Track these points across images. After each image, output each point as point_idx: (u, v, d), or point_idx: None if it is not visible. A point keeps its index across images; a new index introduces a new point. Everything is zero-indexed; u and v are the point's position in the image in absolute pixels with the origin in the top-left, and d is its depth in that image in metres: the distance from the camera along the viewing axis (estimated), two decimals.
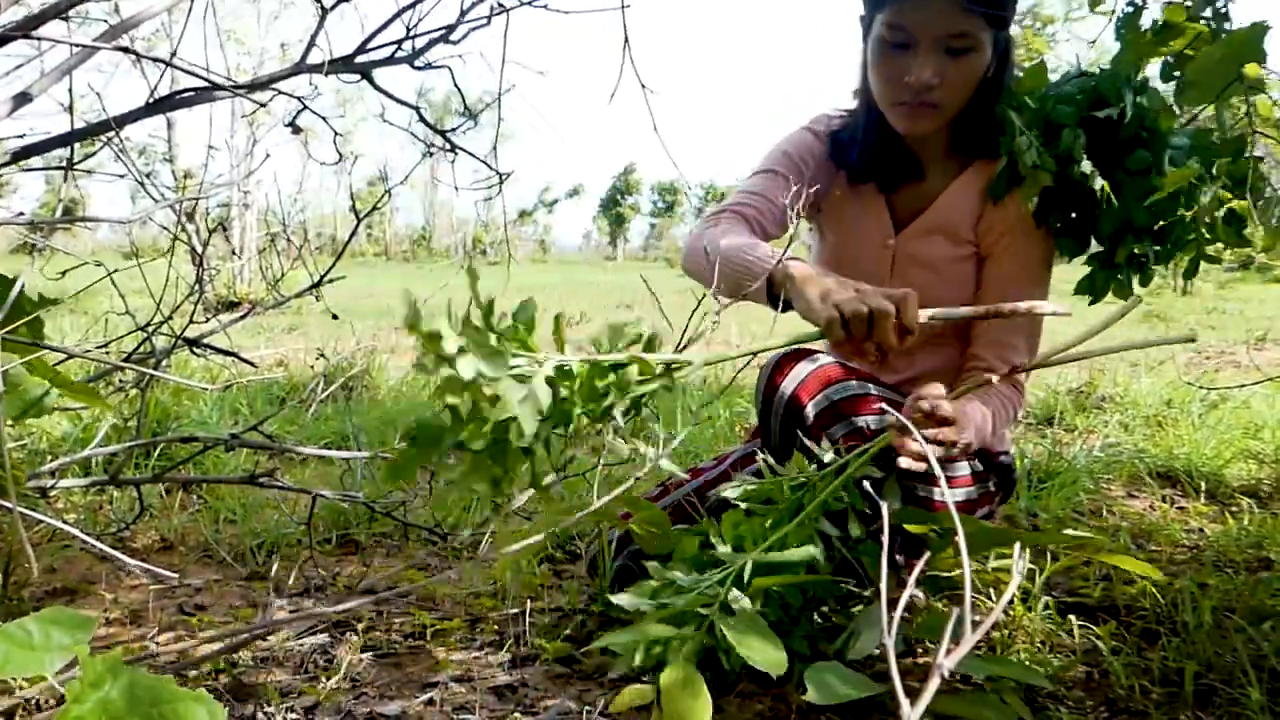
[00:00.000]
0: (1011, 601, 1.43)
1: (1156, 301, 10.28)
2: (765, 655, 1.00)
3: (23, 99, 0.61)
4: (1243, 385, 2.75)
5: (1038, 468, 2.34)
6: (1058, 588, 1.59)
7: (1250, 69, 1.07)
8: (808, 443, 1.28)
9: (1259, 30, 1.04)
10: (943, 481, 0.83)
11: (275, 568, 1.67)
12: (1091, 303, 1.48)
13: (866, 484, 1.14)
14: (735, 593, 1.10)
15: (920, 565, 0.62)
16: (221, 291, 7.76)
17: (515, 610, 1.48)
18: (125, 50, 0.61)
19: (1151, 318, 8.13)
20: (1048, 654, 1.34)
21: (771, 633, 1.05)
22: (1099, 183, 1.22)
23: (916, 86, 1.36)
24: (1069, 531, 1.63)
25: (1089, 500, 2.20)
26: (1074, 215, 1.39)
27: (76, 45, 0.58)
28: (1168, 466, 2.49)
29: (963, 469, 1.43)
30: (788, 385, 1.35)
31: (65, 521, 1.99)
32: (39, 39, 0.55)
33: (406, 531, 1.86)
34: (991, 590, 1.49)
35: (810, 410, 1.33)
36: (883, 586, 0.51)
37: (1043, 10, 13.94)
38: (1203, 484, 2.33)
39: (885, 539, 0.61)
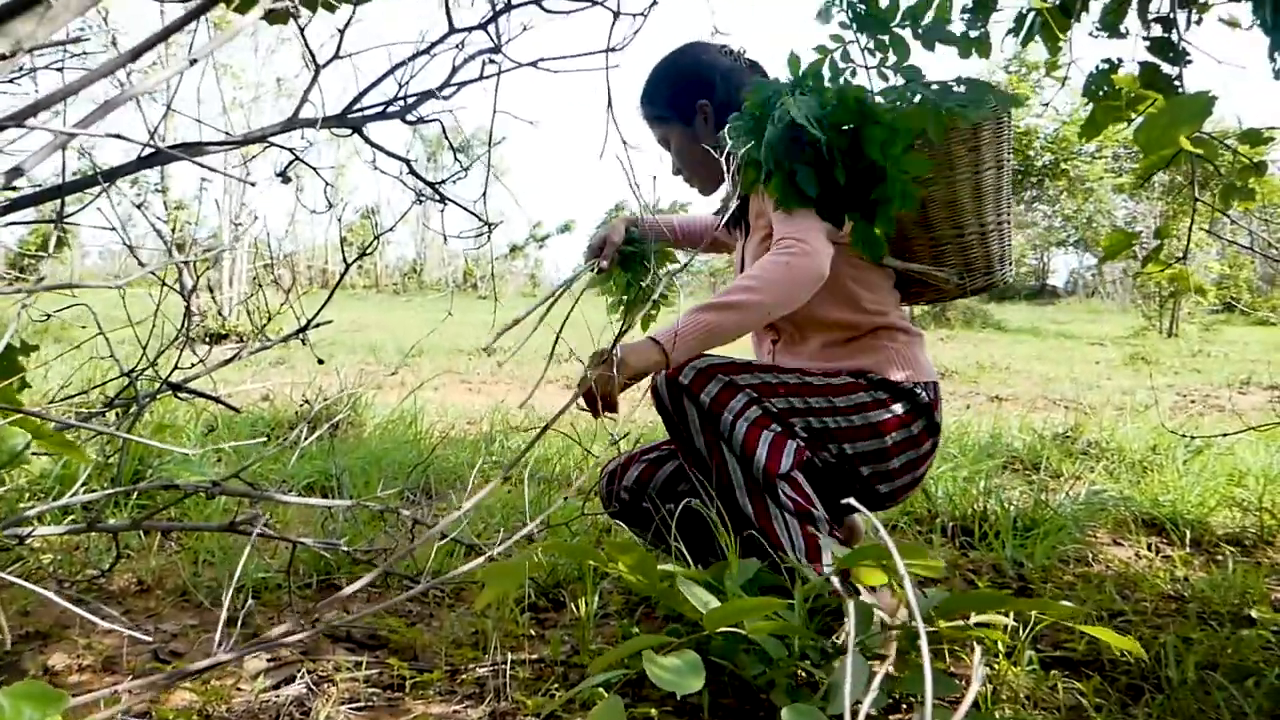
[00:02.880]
0: (997, 656, 1.42)
1: (1142, 344, 10.36)
2: (678, 677, 1.04)
3: (15, 173, 0.61)
4: (1225, 434, 2.76)
5: (1023, 515, 2.34)
6: (1043, 640, 1.59)
7: (1183, 141, 1.09)
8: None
9: (1202, 98, 1.06)
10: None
11: (246, 608, 1.64)
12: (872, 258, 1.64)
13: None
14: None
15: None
16: (209, 324, 7.72)
17: (495, 665, 1.46)
18: (117, 136, 0.62)
19: (1137, 360, 8.19)
20: (1032, 710, 1.33)
21: (697, 661, 1.07)
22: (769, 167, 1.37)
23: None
24: (1049, 600, 1.62)
25: (1074, 548, 2.20)
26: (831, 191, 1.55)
27: (67, 133, 0.58)
28: (1153, 514, 2.49)
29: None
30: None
31: (42, 562, 1.96)
32: (30, 128, 0.55)
33: (387, 578, 1.84)
34: (977, 645, 1.48)
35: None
36: (851, 644, 0.50)
37: (1027, 57, 14.22)
38: (1188, 532, 2.34)
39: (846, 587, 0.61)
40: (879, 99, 1.36)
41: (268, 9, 0.63)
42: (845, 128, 1.40)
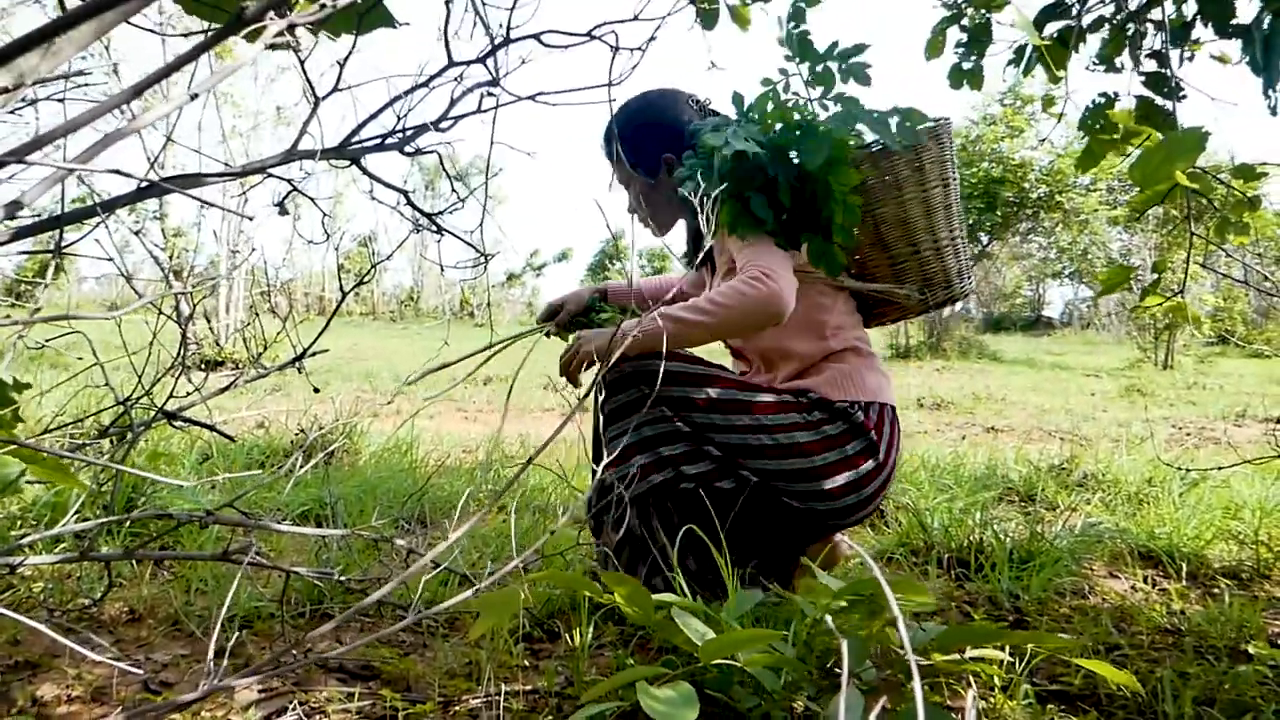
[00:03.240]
0: (993, 690, 1.42)
1: (1137, 376, 10.38)
2: (672, 709, 1.03)
3: (15, 206, 0.62)
4: (1221, 467, 2.76)
5: (1019, 547, 2.33)
6: (1039, 674, 1.58)
7: (1179, 176, 1.11)
8: None
9: (1196, 134, 1.08)
10: None
11: (237, 638, 1.63)
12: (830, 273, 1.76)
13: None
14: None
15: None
16: (205, 350, 7.72)
17: (489, 697, 1.45)
18: (117, 172, 0.62)
19: (1133, 392, 8.20)
20: None
21: (691, 693, 1.06)
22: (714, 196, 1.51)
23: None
24: (1046, 633, 1.62)
25: (1070, 581, 2.19)
26: (783, 215, 1.67)
27: (67, 168, 0.59)
28: (1149, 546, 2.49)
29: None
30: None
31: (32, 590, 1.95)
32: (32, 164, 0.56)
33: (381, 607, 1.83)
34: (972, 678, 1.48)
35: None
36: (845, 677, 0.50)
37: (1022, 90, 14.34)
38: (1184, 565, 2.33)
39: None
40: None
41: (270, 42, 0.64)
42: (791, 153, 1.45)
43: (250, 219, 1.03)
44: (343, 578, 1.55)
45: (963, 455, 3.90)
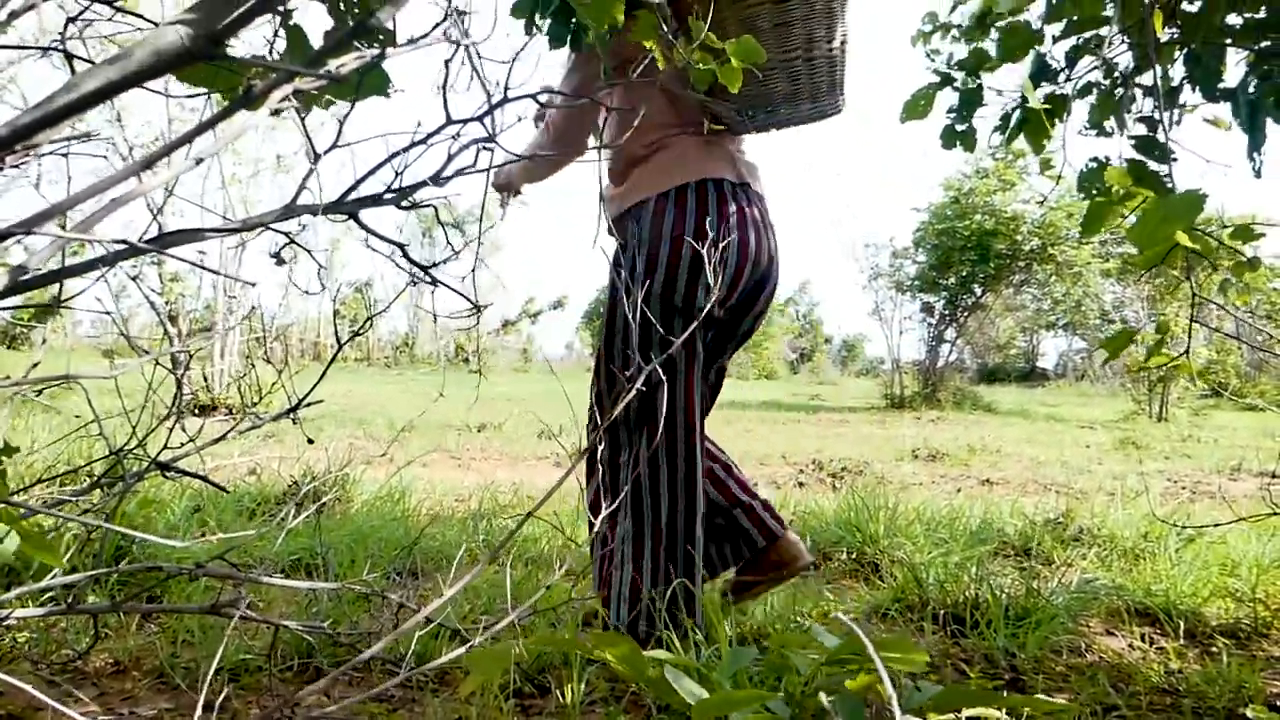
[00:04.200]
0: None
1: (1132, 428, 10.39)
2: None
3: (20, 272, 0.63)
4: (1216, 525, 2.75)
5: (1015, 603, 2.31)
6: None
7: (1180, 235, 1.12)
8: None
9: (1193, 197, 1.10)
10: None
11: (224, 692, 1.61)
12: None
13: None
14: None
15: None
16: (199, 396, 7.70)
17: None
18: (120, 242, 0.63)
19: (1128, 445, 8.19)
20: None
21: None
22: None
23: None
24: (1043, 697, 1.60)
25: (1067, 638, 2.17)
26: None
27: (70, 238, 0.60)
28: (1146, 603, 2.47)
29: None
30: None
31: (17, 641, 1.92)
32: (36, 233, 0.57)
33: (370, 661, 1.80)
34: None
35: None
36: None
37: (1014, 144, 14.46)
38: (1181, 623, 2.31)
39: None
40: None
41: (274, 108, 0.65)
42: None
43: (253, 285, 1.04)
44: (333, 631, 1.53)
45: (958, 508, 3.88)
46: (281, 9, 0.96)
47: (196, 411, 7.43)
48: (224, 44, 0.45)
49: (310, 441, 1.60)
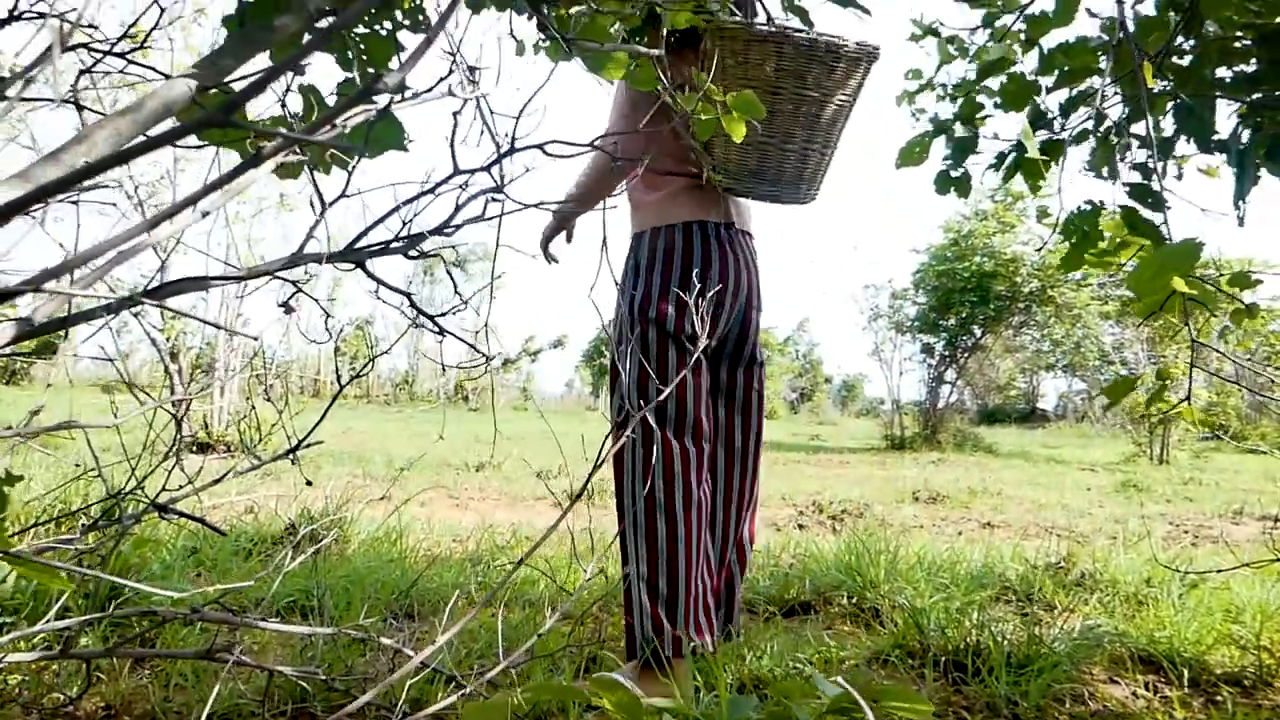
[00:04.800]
0: None
1: (1133, 470, 10.35)
2: None
3: (26, 323, 0.63)
4: (1219, 570, 2.74)
5: (1017, 649, 2.29)
6: None
7: (1178, 283, 1.13)
8: None
9: (1190, 247, 1.11)
10: None
11: None
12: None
13: None
14: None
15: None
16: (198, 433, 7.67)
17: None
18: (128, 302, 0.64)
19: (1129, 487, 8.16)
20: None
21: None
22: None
23: None
24: None
25: (1070, 686, 2.15)
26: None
27: (76, 295, 0.61)
28: (1149, 650, 2.45)
29: None
30: None
31: (8, 684, 1.90)
32: (46, 292, 0.57)
33: (365, 707, 1.78)
34: None
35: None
36: None
37: (1013, 187, 14.65)
38: (1185, 670, 2.29)
39: None
40: None
41: (278, 163, 0.66)
42: None
43: (256, 339, 1.04)
44: (328, 676, 1.51)
45: (959, 552, 3.86)
46: (293, 71, 0.98)
47: (195, 449, 7.40)
48: (239, 109, 0.46)
49: (309, 484, 1.59)
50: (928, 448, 13.15)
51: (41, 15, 0.98)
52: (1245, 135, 1.62)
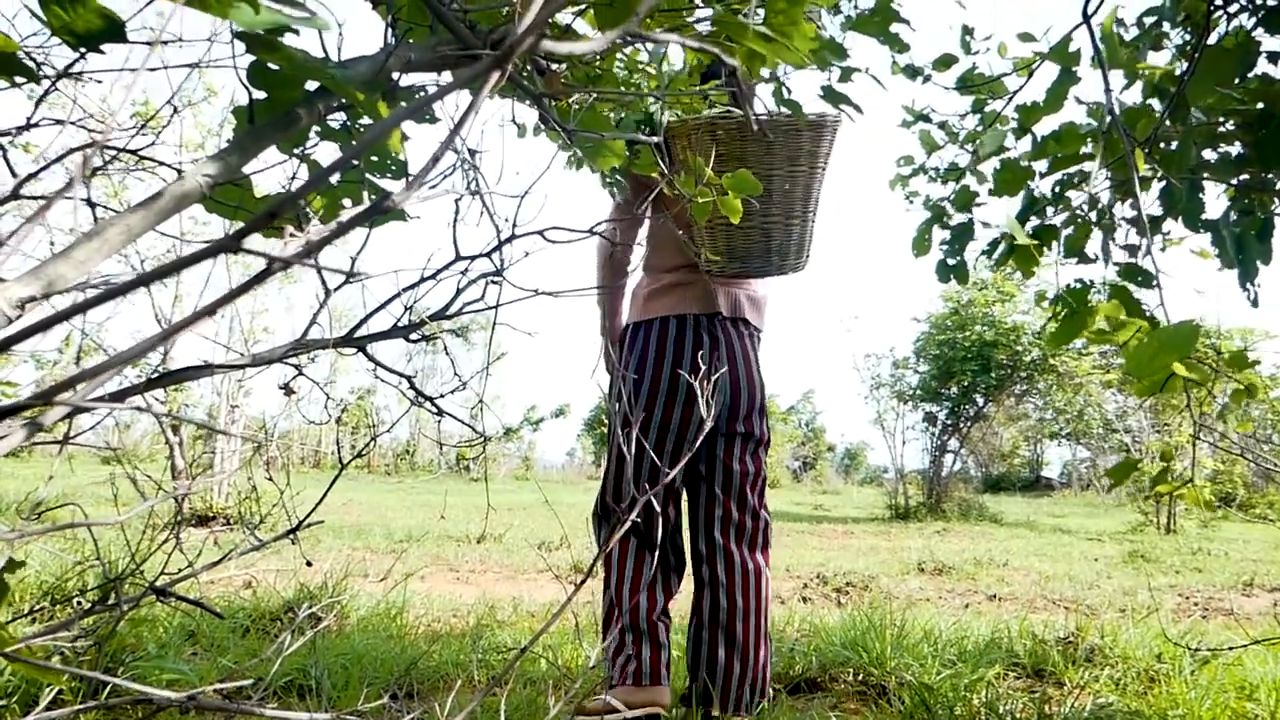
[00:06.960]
0: None
1: (1140, 540, 10.25)
2: None
3: (35, 428, 0.65)
4: (1231, 647, 2.70)
5: None
6: None
7: (1177, 366, 1.14)
8: None
9: (1188, 328, 1.12)
10: None
11: None
12: None
13: None
14: None
15: None
16: (197, 506, 7.63)
17: None
18: (139, 409, 0.66)
19: (1136, 558, 8.07)
20: None
21: None
22: None
23: None
24: None
25: None
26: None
27: (86, 407, 0.62)
28: None
29: None
30: None
31: None
32: (55, 404, 0.59)
33: None
34: None
35: None
36: None
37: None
38: None
39: None
40: None
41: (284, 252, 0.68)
42: None
43: (257, 444, 1.06)
44: None
45: (966, 625, 3.80)
46: (301, 159, 1.01)
47: (195, 523, 7.35)
48: (281, 215, 0.48)
49: (309, 564, 1.58)
50: (932, 517, 13.03)
51: (60, 122, 1.02)
52: (1234, 217, 1.65)
